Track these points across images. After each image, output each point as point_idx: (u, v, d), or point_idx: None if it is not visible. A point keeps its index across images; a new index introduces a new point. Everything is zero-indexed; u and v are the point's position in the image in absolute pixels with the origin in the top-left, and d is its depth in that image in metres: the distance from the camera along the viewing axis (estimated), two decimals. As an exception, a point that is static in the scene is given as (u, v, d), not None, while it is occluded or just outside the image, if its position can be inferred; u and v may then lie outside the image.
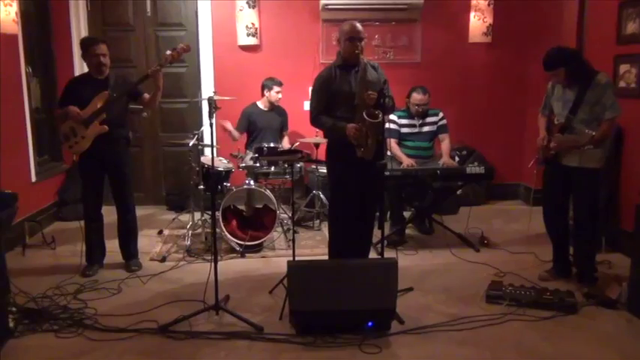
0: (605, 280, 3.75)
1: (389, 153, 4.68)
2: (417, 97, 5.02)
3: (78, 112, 4.01)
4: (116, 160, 4.23)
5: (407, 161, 4.94)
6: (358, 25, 3.67)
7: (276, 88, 5.54)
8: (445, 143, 5.16)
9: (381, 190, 3.81)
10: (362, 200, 3.81)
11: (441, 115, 5.17)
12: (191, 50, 4.22)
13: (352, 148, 3.59)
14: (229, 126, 5.45)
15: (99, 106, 4.03)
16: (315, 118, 3.77)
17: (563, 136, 3.76)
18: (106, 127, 4.04)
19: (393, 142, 4.92)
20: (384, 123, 3.52)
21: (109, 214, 4.43)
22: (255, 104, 5.62)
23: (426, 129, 5.13)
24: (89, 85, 4.11)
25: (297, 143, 5.46)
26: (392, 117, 4.95)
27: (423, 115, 5.09)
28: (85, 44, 4.13)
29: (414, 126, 5.11)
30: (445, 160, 5.01)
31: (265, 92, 5.57)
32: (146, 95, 4.24)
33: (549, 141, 3.85)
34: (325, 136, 4.01)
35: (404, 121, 5.11)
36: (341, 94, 3.68)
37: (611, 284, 3.64)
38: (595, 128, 3.61)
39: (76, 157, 4.19)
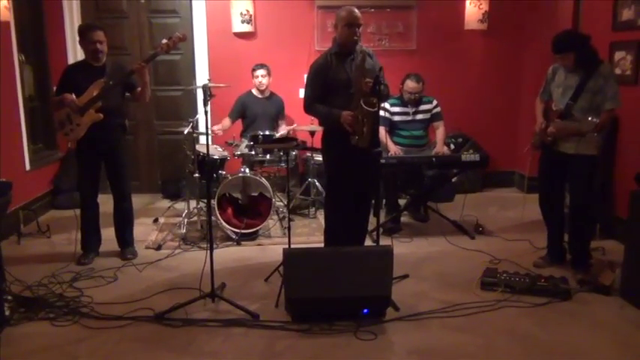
0: (598, 266, 3.77)
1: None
2: (410, 84, 4.99)
3: (73, 100, 3.99)
4: (112, 147, 4.22)
5: (393, 149, 4.93)
6: (356, 11, 3.62)
7: (256, 73, 5.47)
8: (440, 131, 5.15)
9: (376, 178, 3.81)
10: (358, 188, 3.81)
11: (435, 102, 5.15)
12: (187, 39, 4.18)
13: (348, 136, 3.57)
14: (218, 130, 5.42)
15: (95, 94, 4.01)
16: (310, 106, 3.75)
17: (563, 122, 3.74)
18: (101, 115, 4.02)
19: (382, 130, 4.90)
20: (379, 111, 3.51)
21: (105, 202, 4.42)
22: (250, 92, 5.60)
23: (419, 117, 5.11)
24: (86, 72, 4.09)
25: (294, 125, 5.44)
26: (384, 105, 4.92)
27: (417, 102, 5.07)
28: (82, 31, 4.11)
29: (407, 114, 5.09)
30: (439, 149, 4.99)
31: (252, 80, 5.54)
32: (138, 89, 4.23)
33: (547, 126, 3.85)
34: (321, 124, 3.98)
35: (396, 109, 5.09)
36: (337, 83, 3.64)
37: (605, 271, 3.67)
38: (594, 117, 3.60)
39: (71, 145, 4.18)
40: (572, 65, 3.71)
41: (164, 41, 4.00)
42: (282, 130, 5.46)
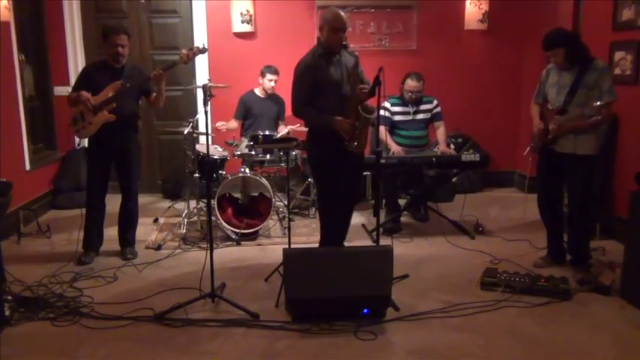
0: (598, 266, 3.77)
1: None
2: (411, 83, 4.98)
3: (88, 98, 4.02)
4: (124, 147, 4.25)
5: (395, 148, 4.92)
6: (342, 15, 3.58)
7: (269, 76, 5.46)
8: (440, 131, 5.14)
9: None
10: (345, 186, 3.84)
11: (435, 102, 5.14)
12: (207, 51, 4.20)
13: (335, 136, 3.57)
14: (222, 126, 5.40)
15: (110, 95, 4.03)
16: (300, 109, 3.72)
17: (564, 116, 3.73)
18: (113, 116, 4.05)
19: (383, 130, 4.89)
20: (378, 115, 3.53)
21: (107, 202, 4.41)
22: (252, 91, 5.59)
23: (420, 116, 5.10)
24: (105, 72, 4.13)
25: (297, 126, 5.35)
26: (384, 104, 4.92)
27: (417, 102, 5.06)
28: (106, 32, 4.12)
29: (407, 113, 5.08)
30: (443, 149, 4.99)
31: (260, 79, 5.53)
32: (154, 95, 4.27)
33: (546, 127, 3.84)
34: (306, 126, 3.97)
35: (397, 109, 5.08)
36: (325, 83, 3.62)
37: (605, 271, 3.67)
38: (598, 102, 3.59)
39: (79, 141, 4.20)
40: (564, 61, 3.71)
41: (184, 51, 4.02)
42: (282, 131, 5.43)
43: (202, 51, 4.05)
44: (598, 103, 3.54)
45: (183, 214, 4.99)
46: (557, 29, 3.84)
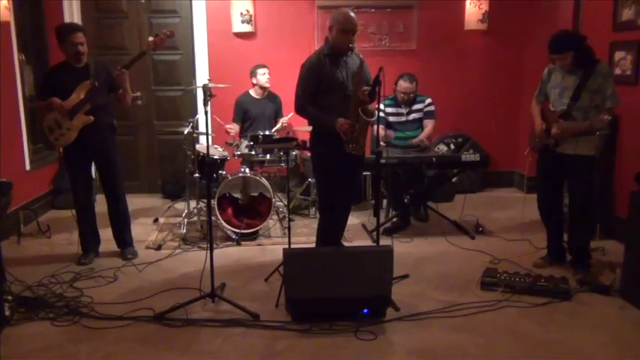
0: (598, 266, 3.77)
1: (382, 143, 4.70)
2: (403, 84, 4.95)
3: (61, 104, 3.90)
4: (102, 148, 4.16)
5: (382, 133, 4.79)
6: (353, 16, 3.55)
7: (260, 71, 5.44)
8: (427, 129, 5.07)
9: (377, 177, 3.84)
10: (347, 186, 3.85)
11: (428, 101, 5.10)
12: (174, 35, 4.13)
13: (338, 136, 3.56)
14: (229, 127, 5.42)
15: (82, 96, 3.93)
16: (302, 108, 3.70)
17: (568, 122, 3.71)
18: (91, 117, 3.96)
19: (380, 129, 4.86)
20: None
21: (104, 202, 4.41)
22: (247, 93, 5.57)
23: (413, 116, 5.07)
24: (69, 73, 4.00)
25: (291, 115, 5.33)
26: (380, 105, 4.90)
27: (410, 102, 5.05)
28: (62, 32, 3.97)
29: (401, 114, 5.06)
30: (415, 140, 4.95)
31: (253, 79, 5.50)
32: (120, 91, 4.14)
33: (547, 128, 3.84)
34: (310, 124, 3.97)
35: (390, 110, 5.06)
36: (331, 84, 3.61)
37: (605, 271, 3.66)
38: (605, 114, 3.57)
39: (61, 150, 4.12)
40: (570, 65, 3.70)
41: (150, 39, 3.95)
42: (277, 125, 5.37)
43: (170, 36, 3.98)
44: (607, 117, 3.50)
45: (183, 214, 4.99)
46: (564, 32, 3.81)
